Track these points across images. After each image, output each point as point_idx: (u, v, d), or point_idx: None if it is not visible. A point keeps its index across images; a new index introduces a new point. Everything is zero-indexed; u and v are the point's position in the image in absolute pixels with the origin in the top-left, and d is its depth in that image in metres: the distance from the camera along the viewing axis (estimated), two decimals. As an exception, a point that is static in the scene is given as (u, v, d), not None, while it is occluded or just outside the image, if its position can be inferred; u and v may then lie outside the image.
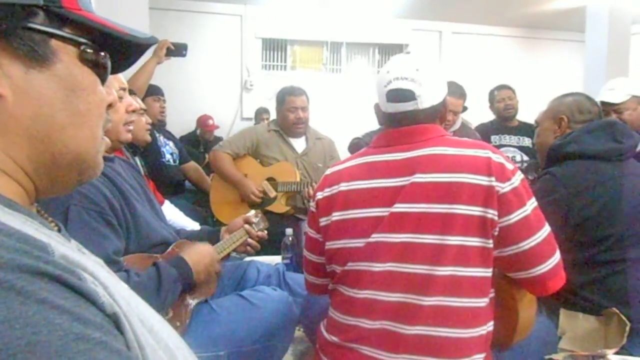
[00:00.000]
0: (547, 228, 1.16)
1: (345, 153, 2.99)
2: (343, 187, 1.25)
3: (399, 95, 1.21)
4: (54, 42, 0.49)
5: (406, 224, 1.13)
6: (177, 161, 3.44)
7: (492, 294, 1.16)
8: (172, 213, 2.46)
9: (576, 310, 1.59)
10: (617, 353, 1.45)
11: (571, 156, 1.64)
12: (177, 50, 2.89)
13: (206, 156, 4.51)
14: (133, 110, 1.61)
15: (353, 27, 6.12)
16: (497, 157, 1.14)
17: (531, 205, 1.14)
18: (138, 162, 2.49)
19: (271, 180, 2.92)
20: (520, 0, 5.40)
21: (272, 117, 4.88)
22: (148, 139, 2.11)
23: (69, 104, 0.49)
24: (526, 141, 3.69)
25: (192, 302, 1.48)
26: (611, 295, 1.55)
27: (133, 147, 2.16)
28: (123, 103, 1.57)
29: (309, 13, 5.90)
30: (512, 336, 1.23)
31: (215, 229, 1.88)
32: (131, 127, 1.62)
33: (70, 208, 1.22)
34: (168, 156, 3.34)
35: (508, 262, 1.15)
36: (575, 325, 1.57)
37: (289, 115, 2.93)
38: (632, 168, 1.66)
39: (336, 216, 1.24)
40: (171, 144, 3.46)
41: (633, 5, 4.57)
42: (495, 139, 3.79)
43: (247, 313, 1.50)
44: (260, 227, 1.85)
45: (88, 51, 0.51)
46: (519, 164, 3.52)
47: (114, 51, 0.55)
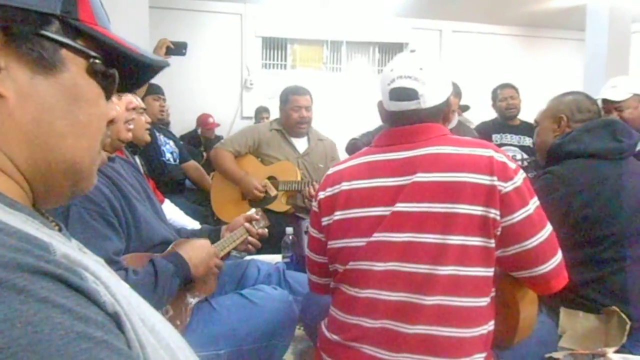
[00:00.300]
0: (549, 227, 1.16)
1: (344, 152, 2.99)
2: (345, 187, 1.24)
3: (402, 93, 1.20)
4: (64, 52, 0.49)
5: (408, 223, 1.13)
6: (177, 160, 3.44)
7: (493, 294, 1.16)
8: (172, 212, 2.46)
9: (576, 308, 1.59)
10: (618, 351, 1.45)
11: (571, 155, 1.64)
12: (177, 49, 2.88)
13: (205, 155, 4.51)
14: (133, 108, 1.61)
15: (353, 26, 6.12)
16: (500, 156, 1.13)
17: (534, 204, 1.14)
18: (138, 162, 2.49)
19: (272, 179, 2.92)
20: (520, -2, 5.41)
21: (272, 116, 4.89)
22: (147, 139, 2.11)
23: (70, 113, 0.50)
24: (527, 140, 3.69)
25: (193, 301, 1.48)
26: (611, 293, 1.55)
27: (133, 146, 2.16)
28: (123, 101, 1.57)
29: (309, 12, 5.90)
30: (514, 336, 1.23)
31: (216, 228, 1.88)
32: (131, 126, 1.62)
33: (71, 208, 1.22)
34: (168, 155, 3.34)
35: (511, 262, 1.15)
36: (575, 323, 1.57)
37: (293, 114, 2.92)
38: (632, 167, 1.66)
39: (338, 215, 1.24)
40: (171, 143, 3.46)
41: (633, 3, 4.57)
42: (496, 138, 3.78)
43: (248, 312, 1.51)
44: (260, 226, 1.85)
45: (97, 64, 0.52)
46: (520, 162, 3.52)
47: (124, 70, 0.56)
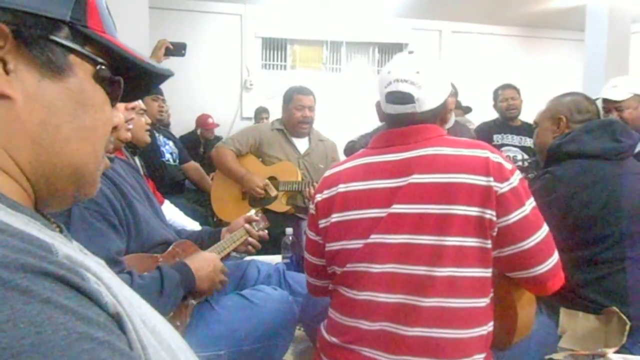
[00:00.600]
0: (546, 228, 1.16)
1: (343, 154, 3.00)
2: (341, 189, 1.24)
3: (398, 97, 1.20)
4: (72, 57, 0.50)
5: (404, 225, 1.13)
6: (177, 161, 3.44)
7: (492, 294, 1.16)
8: (172, 212, 2.46)
9: (576, 309, 1.58)
10: (617, 352, 1.45)
11: (570, 155, 1.64)
12: (176, 49, 2.88)
13: (205, 156, 4.51)
14: (132, 107, 1.61)
15: (353, 27, 6.12)
16: (496, 157, 1.13)
17: (530, 205, 1.14)
18: (137, 162, 2.49)
19: (272, 179, 2.92)
20: (520, -1, 5.41)
21: (272, 117, 4.89)
22: (147, 140, 2.12)
23: (76, 118, 0.50)
24: (528, 141, 3.69)
25: (193, 302, 1.48)
26: (611, 294, 1.55)
27: (132, 147, 2.16)
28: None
29: (309, 12, 5.90)
30: (512, 335, 1.23)
31: (216, 230, 1.89)
32: (130, 126, 1.63)
33: (72, 208, 1.22)
34: (168, 156, 3.34)
35: (507, 262, 1.15)
36: (575, 324, 1.57)
37: (296, 113, 2.93)
38: (632, 167, 1.66)
39: (335, 218, 1.24)
40: (171, 144, 3.46)
41: (633, 4, 4.58)
42: (497, 138, 3.79)
43: (248, 312, 1.51)
44: (260, 227, 1.85)
45: (103, 71, 0.53)
46: (520, 162, 3.52)
47: (130, 78, 0.57)
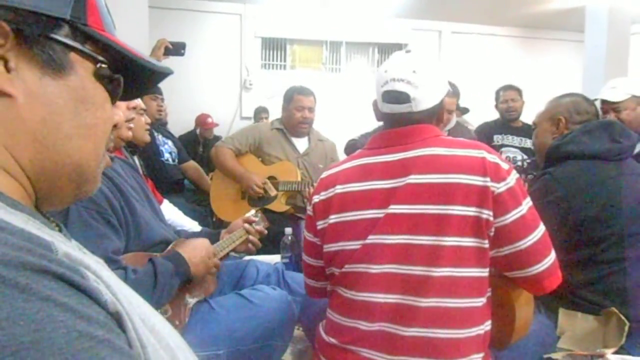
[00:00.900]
0: (542, 227, 1.16)
1: (343, 153, 2.99)
2: (339, 190, 1.24)
3: (394, 97, 1.20)
4: (73, 55, 0.50)
5: (402, 225, 1.13)
6: (176, 160, 3.44)
7: (489, 294, 1.16)
8: (171, 212, 2.46)
9: (575, 309, 1.59)
10: (616, 353, 1.45)
11: (570, 156, 1.64)
12: (176, 49, 2.88)
13: (204, 155, 4.51)
14: (133, 107, 1.62)
15: (352, 27, 6.13)
16: (492, 157, 1.13)
17: (527, 204, 1.14)
18: (137, 162, 2.49)
19: (272, 179, 2.92)
20: (519, 0, 5.41)
21: (272, 117, 4.89)
22: (147, 139, 2.12)
23: (77, 115, 0.50)
24: (528, 142, 3.69)
25: (192, 301, 1.48)
26: (610, 294, 1.55)
27: (132, 147, 2.16)
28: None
29: (309, 12, 5.91)
30: (511, 335, 1.23)
31: (215, 231, 1.88)
32: (132, 125, 1.63)
33: (70, 208, 1.22)
34: (167, 155, 3.34)
35: (504, 262, 1.15)
36: (574, 324, 1.58)
37: (296, 113, 2.93)
38: (631, 168, 1.66)
39: (333, 219, 1.24)
40: (170, 143, 3.46)
41: (632, 5, 4.58)
42: (498, 139, 3.79)
43: (247, 312, 1.51)
44: (260, 227, 1.86)
45: (104, 69, 0.53)
46: (520, 163, 3.52)
47: (130, 76, 0.57)
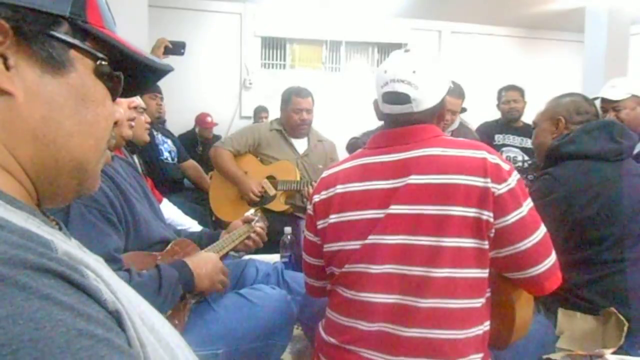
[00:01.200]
0: (543, 229, 1.16)
1: (343, 153, 2.99)
2: (339, 190, 1.24)
3: (394, 98, 1.20)
4: (73, 53, 0.50)
5: (402, 226, 1.13)
6: (176, 159, 3.44)
7: (488, 294, 1.16)
8: (171, 211, 2.46)
9: (574, 309, 1.59)
10: (615, 353, 1.45)
11: (570, 156, 1.64)
12: (175, 48, 2.88)
13: (204, 154, 4.51)
14: (135, 107, 1.62)
15: (352, 26, 6.12)
16: (493, 158, 1.13)
17: (527, 205, 1.13)
18: (136, 161, 2.49)
19: (271, 178, 2.92)
20: (519, 0, 5.41)
21: (271, 116, 4.88)
22: (147, 139, 2.12)
23: (78, 113, 0.50)
24: (529, 143, 3.69)
25: (191, 301, 1.48)
26: (610, 295, 1.55)
27: (131, 146, 2.16)
28: (125, 99, 1.59)
29: (309, 12, 5.90)
30: (510, 335, 1.23)
31: (215, 232, 1.88)
32: (133, 124, 1.64)
33: (71, 205, 1.22)
34: (166, 154, 3.34)
35: (504, 263, 1.15)
36: (573, 324, 1.58)
37: (294, 116, 2.93)
38: (631, 168, 1.66)
39: (333, 219, 1.23)
40: (169, 142, 3.46)
41: (632, 5, 4.58)
42: (499, 138, 3.79)
43: (246, 311, 1.50)
44: (260, 225, 1.86)
45: (104, 66, 0.53)
46: (521, 163, 3.52)
47: (130, 73, 0.57)
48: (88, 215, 1.25)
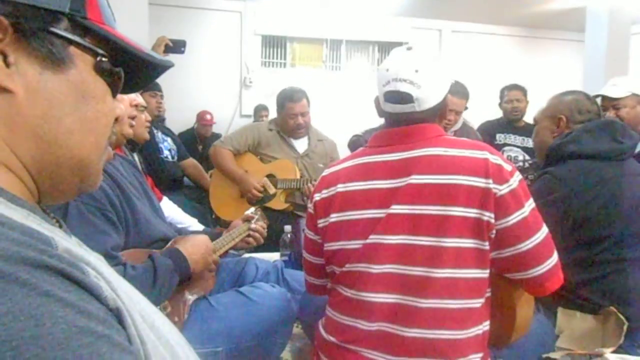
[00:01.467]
0: (545, 229, 1.15)
1: (344, 152, 2.99)
2: (340, 189, 1.23)
3: (397, 97, 1.19)
4: (72, 49, 0.50)
5: (403, 226, 1.12)
6: (176, 157, 3.44)
7: (488, 294, 1.16)
8: (171, 209, 2.46)
9: (574, 309, 1.59)
10: (615, 352, 1.45)
11: (571, 156, 1.63)
12: (176, 47, 2.87)
13: (204, 153, 4.51)
14: (136, 105, 1.63)
15: (353, 25, 6.12)
16: (495, 159, 1.12)
17: (529, 206, 1.12)
18: (136, 159, 2.49)
19: (271, 177, 2.92)
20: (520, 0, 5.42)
21: (272, 115, 4.87)
22: (147, 137, 2.12)
23: (78, 110, 0.50)
24: (530, 142, 3.68)
25: (191, 298, 1.48)
26: (610, 294, 1.55)
27: (131, 144, 2.16)
28: (127, 98, 1.60)
29: (309, 10, 5.90)
30: (510, 335, 1.23)
31: (217, 232, 1.88)
32: (134, 122, 1.65)
33: (70, 203, 1.22)
34: (166, 152, 3.34)
35: (506, 264, 1.14)
36: (572, 324, 1.58)
37: (289, 121, 2.94)
38: (632, 168, 1.66)
39: (334, 218, 1.23)
40: (169, 140, 3.46)
41: (633, 5, 4.58)
42: (500, 138, 3.78)
43: (246, 309, 1.51)
44: (259, 224, 1.86)
45: (104, 62, 0.52)
46: (522, 163, 3.51)
47: (130, 69, 0.56)
48: (86, 213, 1.25)
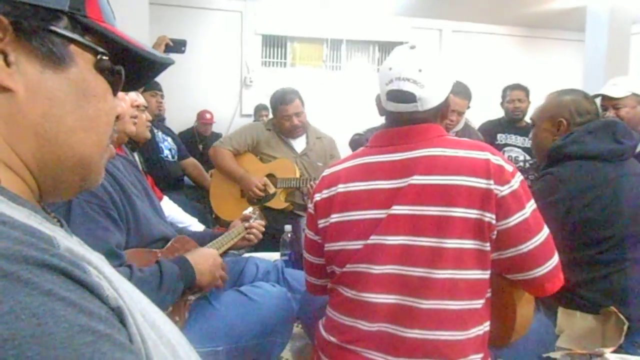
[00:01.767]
0: (546, 230, 1.15)
1: (345, 151, 2.99)
2: (341, 189, 1.23)
3: (400, 96, 1.18)
4: (73, 47, 0.50)
5: (403, 226, 1.12)
6: (176, 157, 3.44)
7: (489, 294, 1.16)
8: (171, 209, 2.46)
9: (574, 308, 1.59)
10: (615, 352, 1.45)
11: (572, 156, 1.63)
12: (176, 46, 2.88)
13: (204, 152, 4.51)
14: (137, 105, 1.64)
15: (353, 25, 6.12)
16: (496, 159, 1.11)
17: (530, 207, 1.12)
18: (136, 158, 2.49)
19: (270, 176, 2.93)
20: (520, -1, 5.41)
21: (272, 114, 4.88)
22: (148, 136, 2.12)
23: (79, 108, 0.50)
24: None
25: (191, 297, 1.48)
26: (610, 294, 1.55)
27: (132, 143, 2.16)
28: (128, 98, 1.62)
29: (309, 10, 5.90)
30: (510, 334, 1.23)
31: (217, 233, 1.88)
32: (136, 121, 1.67)
33: (72, 201, 1.22)
34: (166, 152, 3.34)
35: (506, 265, 1.14)
36: (573, 323, 1.58)
37: (284, 122, 2.95)
38: (632, 168, 1.65)
39: (334, 218, 1.23)
40: (170, 140, 3.46)
41: (633, 5, 4.58)
42: (501, 138, 3.77)
43: (246, 309, 1.51)
44: (257, 222, 1.86)
45: (104, 60, 0.52)
46: (522, 163, 3.51)
47: (130, 67, 0.56)
48: (90, 211, 1.25)
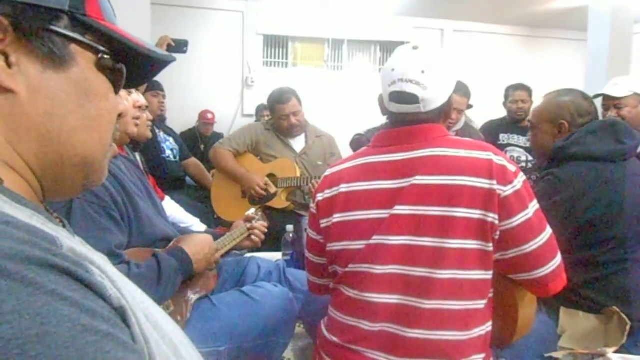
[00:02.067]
0: (549, 230, 1.14)
1: (345, 151, 2.99)
2: (343, 189, 1.23)
3: (402, 97, 1.18)
4: (74, 47, 0.50)
5: (406, 227, 1.12)
6: (178, 157, 3.44)
7: (491, 294, 1.16)
8: (173, 209, 2.46)
9: (576, 308, 1.59)
10: (617, 352, 1.45)
11: (574, 157, 1.63)
12: (178, 46, 2.88)
13: (206, 152, 4.51)
14: (139, 106, 1.65)
15: (354, 25, 6.12)
16: (499, 159, 1.11)
17: (533, 207, 1.12)
18: (138, 158, 2.50)
19: (271, 176, 2.93)
20: (522, -1, 5.41)
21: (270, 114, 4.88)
22: (149, 135, 2.13)
23: (81, 107, 0.50)
24: None
25: (193, 297, 1.48)
26: (612, 294, 1.55)
27: (133, 143, 2.16)
28: (130, 99, 1.63)
29: (311, 10, 5.90)
30: (513, 334, 1.23)
31: (219, 234, 1.89)
32: (138, 122, 1.68)
33: (73, 202, 1.23)
34: (168, 152, 3.34)
35: (509, 265, 1.14)
36: (575, 323, 1.58)
37: (282, 122, 2.97)
38: (634, 168, 1.65)
39: (337, 218, 1.22)
40: (171, 140, 3.47)
41: (635, 4, 4.56)
42: (504, 138, 3.76)
43: (248, 309, 1.51)
44: (260, 223, 1.86)
45: (105, 59, 0.52)
46: (524, 164, 3.50)
47: (131, 65, 0.56)
48: (90, 211, 1.25)
